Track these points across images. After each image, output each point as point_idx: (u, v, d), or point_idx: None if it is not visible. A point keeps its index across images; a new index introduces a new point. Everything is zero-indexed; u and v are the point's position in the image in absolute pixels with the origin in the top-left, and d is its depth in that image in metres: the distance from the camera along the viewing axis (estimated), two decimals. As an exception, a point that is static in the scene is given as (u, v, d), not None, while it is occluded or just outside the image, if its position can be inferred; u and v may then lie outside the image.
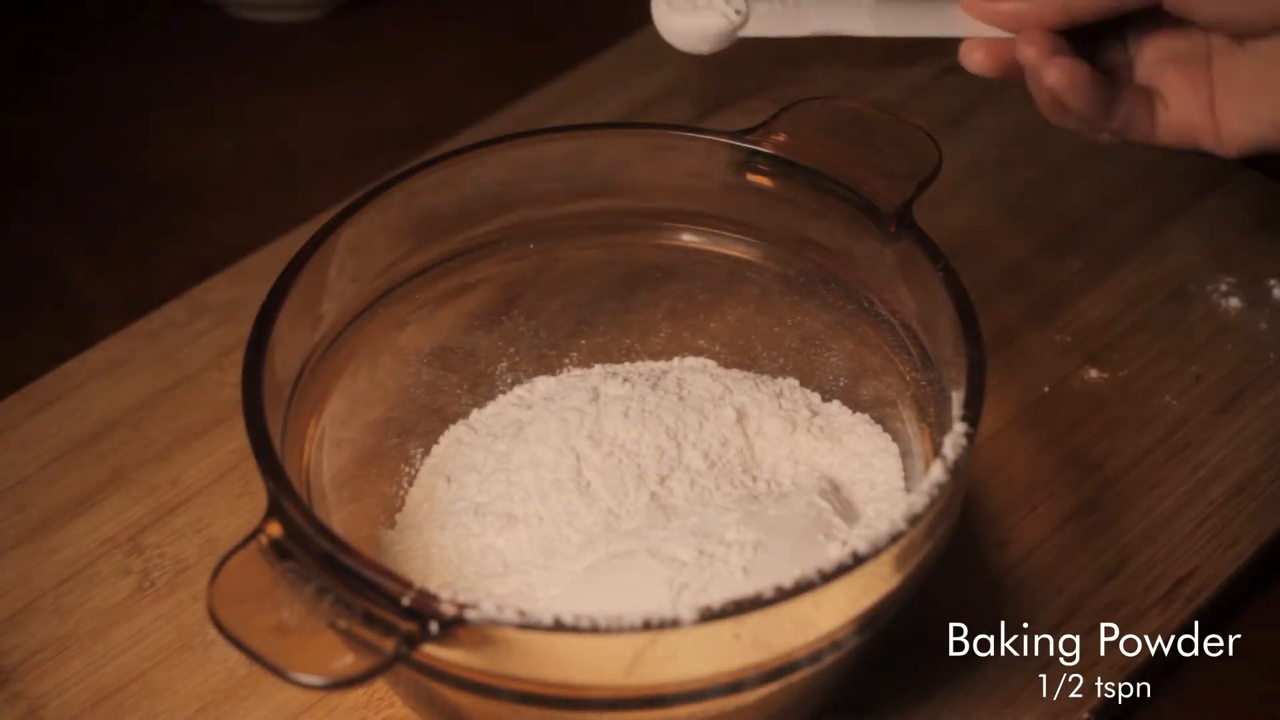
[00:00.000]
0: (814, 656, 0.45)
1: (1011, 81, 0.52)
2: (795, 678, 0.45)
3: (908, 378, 0.56)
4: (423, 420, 0.61)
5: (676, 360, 0.64)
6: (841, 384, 0.61)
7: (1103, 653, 0.56)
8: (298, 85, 0.90)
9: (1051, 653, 0.56)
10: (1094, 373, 0.67)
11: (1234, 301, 0.70)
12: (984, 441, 0.63)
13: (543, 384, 0.63)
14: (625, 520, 0.55)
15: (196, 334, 0.69)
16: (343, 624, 0.42)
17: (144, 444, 0.64)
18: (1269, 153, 0.51)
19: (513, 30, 0.94)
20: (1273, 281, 0.71)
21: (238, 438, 0.53)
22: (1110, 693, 0.55)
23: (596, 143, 0.59)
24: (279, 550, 0.44)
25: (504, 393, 0.63)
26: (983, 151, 0.78)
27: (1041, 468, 0.63)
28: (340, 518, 0.54)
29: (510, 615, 0.41)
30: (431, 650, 0.43)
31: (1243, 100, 0.51)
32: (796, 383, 0.61)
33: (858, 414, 0.60)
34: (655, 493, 0.55)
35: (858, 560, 0.43)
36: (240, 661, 0.55)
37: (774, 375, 0.62)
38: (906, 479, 0.57)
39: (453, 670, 0.44)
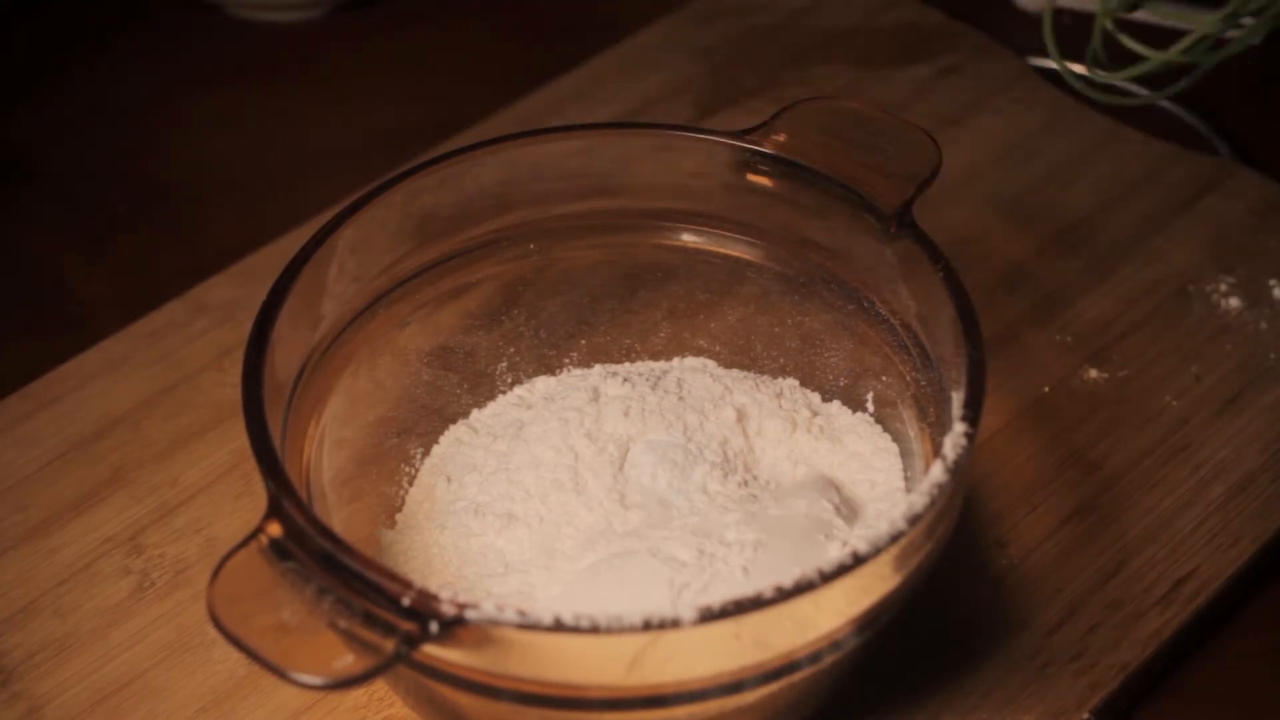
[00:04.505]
0: (814, 656, 0.45)
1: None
2: (795, 678, 0.45)
3: (908, 378, 0.56)
4: (423, 420, 0.61)
5: (676, 360, 0.64)
6: (841, 384, 0.61)
7: (1103, 653, 0.56)
8: (298, 85, 0.90)
9: (1052, 653, 0.56)
10: (1094, 373, 0.67)
11: (1234, 301, 0.70)
12: (984, 441, 0.63)
13: (543, 384, 0.63)
14: (624, 520, 0.55)
15: (196, 334, 0.69)
16: (343, 624, 0.42)
17: (144, 444, 0.64)
18: None
19: (513, 30, 0.94)
20: (1273, 281, 0.71)
21: (238, 438, 0.53)
22: (1110, 693, 0.55)
23: (596, 143, 0.59)
24: (279, 550, 0.44)
25: (504, 393, 0.63)
26: (983, 151, 0.78)
27: (1041, 468, 0.63)
28: (340, 518, 0.54)
29: (510, 615, 0.41)
30: (431, 650, 0.43)
31: None
32: (796, 383, 0.61)
33: (858, 414, 0.60)
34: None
35: (858, 560, 0.43)
36: (240, 661, 0.55)
37: (774, 375, 0.62)
38: (906, 479, 0.57)
39: (453, 670, 0.44)
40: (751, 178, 0.57)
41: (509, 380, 0.63)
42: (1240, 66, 0.89)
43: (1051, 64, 0.88)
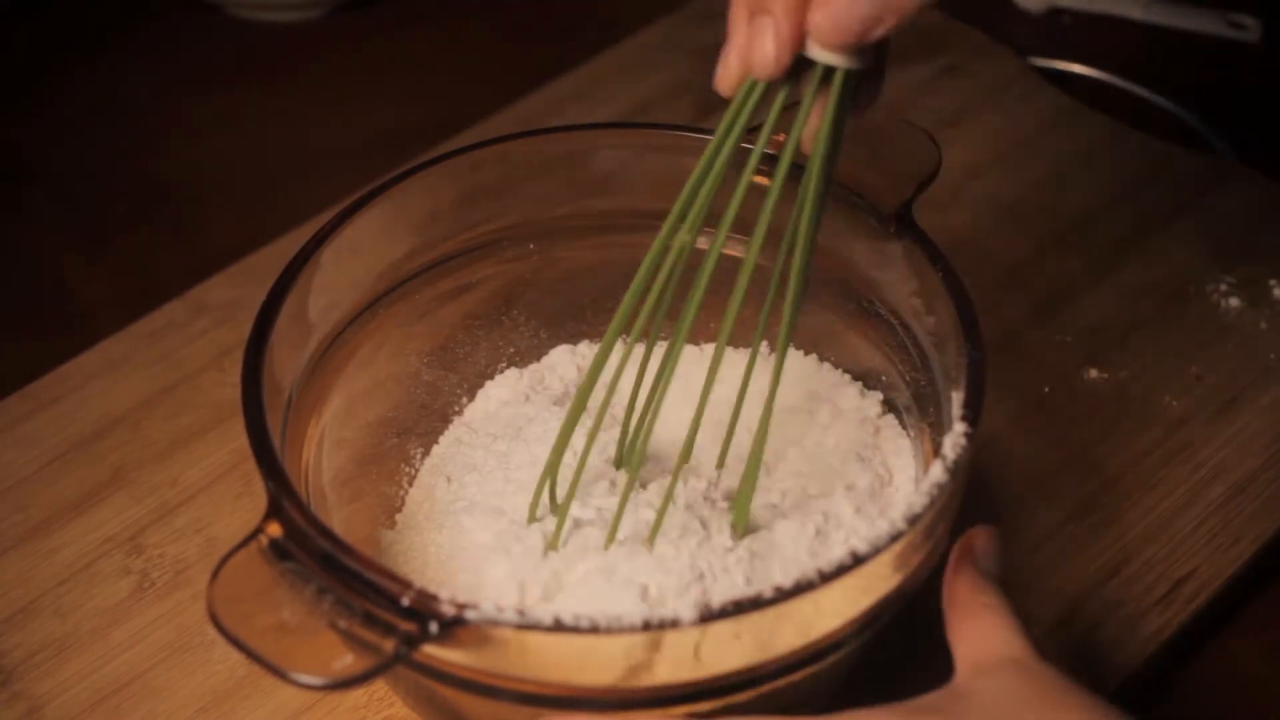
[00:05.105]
0: (814, 656, 0.45)
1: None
2: (795, 677, 0.45)
3: (908, 378, 0.56)
4: (423, 420, 0.61)
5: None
6: (841, 384, 0.61)
7: (1103, 653, 0.56)
8: (298, 85, 0.90)
9: (1052, 653, 0.56)
10: (1094, 373, 0.67)
11: (1234, 301, 0.70)
12: (984, 441, 0.63)
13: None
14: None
15: (196, 334, 0.69)
16: (343, 624, 0.42)
17: (144, 444, 0.64)
18: None
19: (513, 30, 0.94)
20: (1273, 281, 0.71)
21: (238, 438, 0.53)
22: (1110, 693, 0.55)
23: (596, 143, 0.59)
24: (279, 550, 0.44)
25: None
26: (983, 151, 0.78)
27: (1041, 468, 0.63)
28: (340, 518, 0.54)
29: (510, 615, 0.41)
30: (431, 650, 0.43)
31: None
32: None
33: (885, 416, 0.59)
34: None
35: (857, 560, 0.43)
36: (240, 661, 0.55)
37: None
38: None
39: (453, 670, 0.44)
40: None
41: (509, 380, 0.63)
42: (1240, 67, 0.89)
43: (1052, 64, 0.88)
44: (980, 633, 0.46)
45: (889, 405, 0.58)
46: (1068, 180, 0.77)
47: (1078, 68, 0.88)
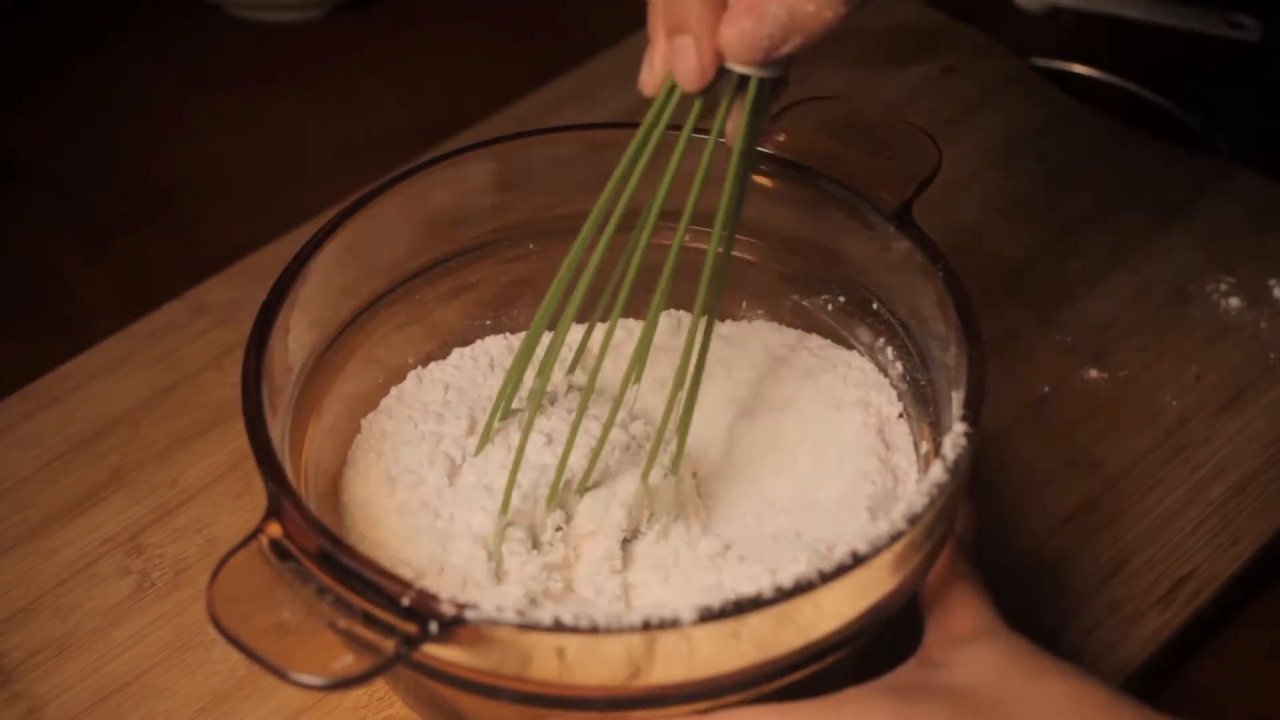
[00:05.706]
0: (814, 656, 0.45)
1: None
2: (795, 677, 0.45)
3: (908, 378, 0.56)
4: (422, 420, 0.61)
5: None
6: (841, 384, 0.61)
7: (1103, 653, 0.56)
8: (298, 85, 0.90)
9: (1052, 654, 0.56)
10: (1094, 373, 0.67)
11: (1234, 301, 0.70)
12: (984, 441, 0.63)
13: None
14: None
15: (196, 334, 0.69)
16: (342, 624, 0.42)
17: (144, 444, 0.64)
18: None
19: (513, 30, 0.94)
20: (1273, 281, 0.71)
21: (238, 438, 0.53)
22: (1110, 693, 0.55)
23: (596, 143, 0.59)
24: (279, 550, 0.44)
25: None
26: (983, 151, 0.78)
27: (1041, 468, 0.63)
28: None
29: (510, 615, 0.41)
30: (431, 650, 0.43)
31: None
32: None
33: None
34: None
35: (857, 560, 0.43)
36: (240, 661, 0.55)
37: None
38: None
39: (453, 670, 0.44)
40: (752, 177, 0.57)
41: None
42: (1240, 67, 0.89)
43: (1052, 64, 0.88)
44: (953, 602, 0.48)
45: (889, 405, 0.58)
46: (1068, 180, 0.77)
47: (1078, 68, 0.88)
